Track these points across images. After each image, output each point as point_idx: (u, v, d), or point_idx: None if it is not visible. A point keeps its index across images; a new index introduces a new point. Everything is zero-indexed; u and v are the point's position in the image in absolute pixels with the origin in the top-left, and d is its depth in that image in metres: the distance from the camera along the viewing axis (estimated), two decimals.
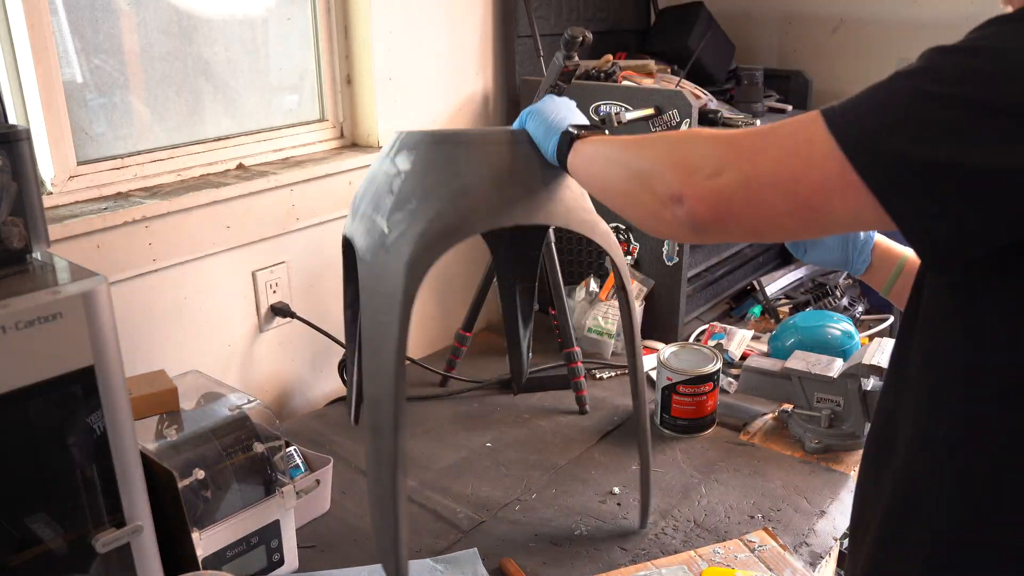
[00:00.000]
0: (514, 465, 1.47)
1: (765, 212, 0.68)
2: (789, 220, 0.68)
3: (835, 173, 0.63)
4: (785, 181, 0.66)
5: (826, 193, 0.64)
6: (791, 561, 1.20)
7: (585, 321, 1.87)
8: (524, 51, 1.99)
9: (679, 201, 0.71)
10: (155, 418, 1.14)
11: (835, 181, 0.63)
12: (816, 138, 0.64)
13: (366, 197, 1.09)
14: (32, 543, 0.83)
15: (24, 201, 0.85)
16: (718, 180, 0.69)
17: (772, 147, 0.67)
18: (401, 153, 1.06)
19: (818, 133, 0.64)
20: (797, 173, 0.65)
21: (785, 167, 0.66)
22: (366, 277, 1.04)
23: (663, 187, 0.74)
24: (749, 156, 0.68)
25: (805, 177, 0.65)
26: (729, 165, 0.69)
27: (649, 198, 0.76)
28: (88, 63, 1.36)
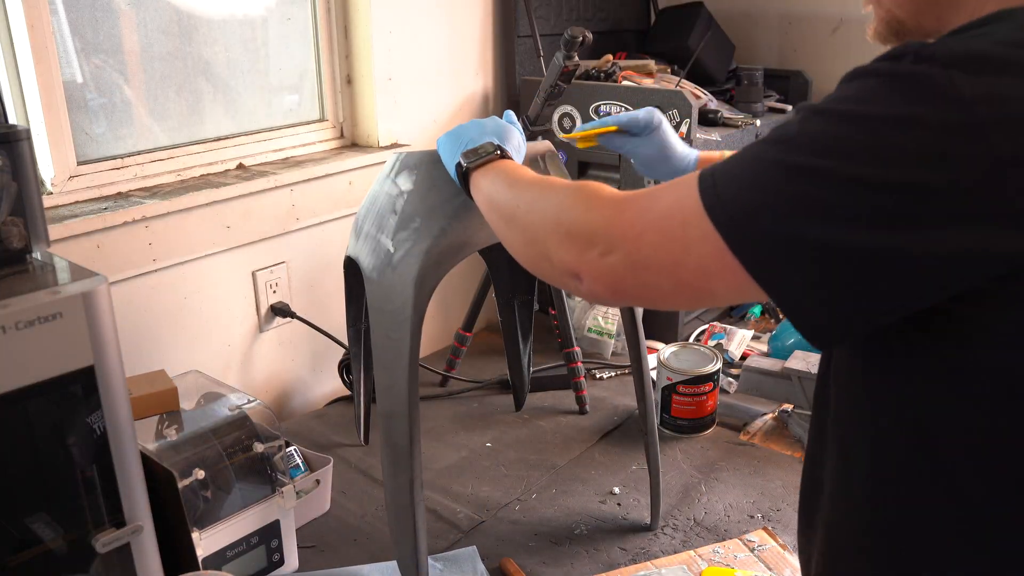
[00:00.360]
0: (514, 465, 1.47)
1: (655, 291, 0.67)
2: (678, 298, 0.68)
3: (711, 256, 0.61)
4: (667, 266, 0.64)
5: (706, 275, 0.62)
6: (791, 561, 1.20)
7: (585, 321, 1.87)
8: (524, 51, 1.99)
9: (577, 277, 0.71)
10: (155, 418, 1.14)
11: (713, 264, 0.61)
12: (692, 219, 0.62)
13: (369, 218, 1.11)
14: (32, 543, 0.83)
15: (24, 201, 0.85)
16: (609, 259, 0.68)
17: (651, 229, 0.65)
18: (402, 173, 1.08)
19: (694, 213, 0.62)
20: (677, 257, 0.64)
21: (665, 252, 0.64)
22: (374, 296, 1.06)
23: (559, 261, 0.73)
24: (632, 238, 0.67)
25: (684, 261, 0.63)
26: (616, 244, 0.67)
27: (549, 268, 0.75)
28: (88, 63, 1.36)
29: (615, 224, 0.68)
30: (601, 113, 1.84)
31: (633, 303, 0.72)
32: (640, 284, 0.67)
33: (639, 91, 1.81)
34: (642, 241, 0.66)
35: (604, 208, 0.70)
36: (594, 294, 0.71)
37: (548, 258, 0.75)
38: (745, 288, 0.61)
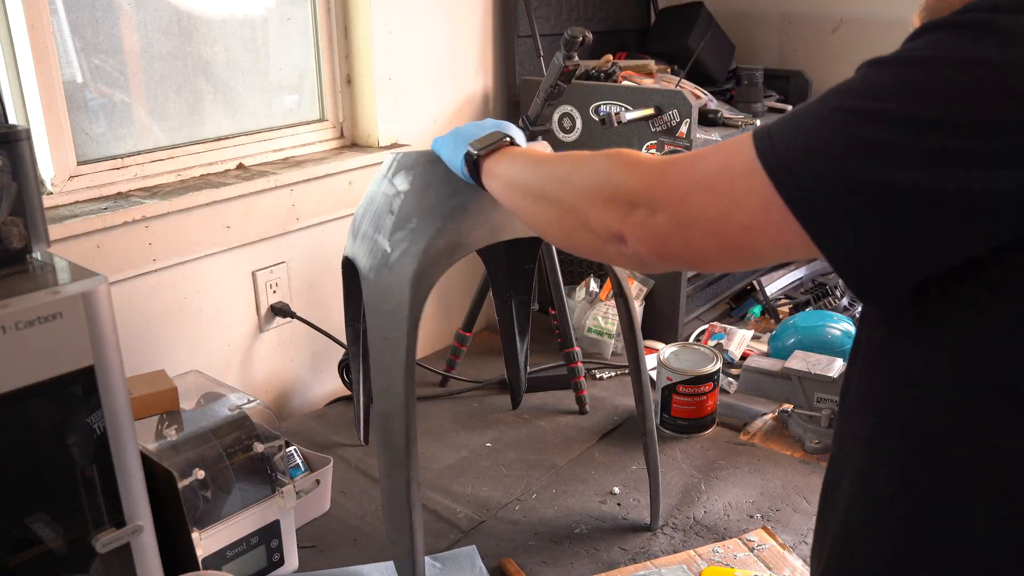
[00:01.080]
0: (514, 465, 1.47)
1: (700, 252, 0.67)
2: (723, 258, 0.67)
3: (759, 211, 0.60)
4: (713, 223, 0.64)
5: (752, 233, 0.62)
6: (790, 560, 1.20)
7: (585, 321, 1.87)
8: (524, 51, 1.99)
9: (622, 240, 0.70)
10: (155, 418, 1.14)
11: (760, 219, 0.61)
12: (740, 175, 0.61)
13: (366, 218, 1.11)
14: (32, 543, 0.83)
15: (24, 201, 0.85)
16: (654, 220, 0.67)
17: (699, 187, 0.65)
18: (399, 174, 1.08)
19: (743, 168, 0.61)
20: (723, 214, 0.63)
21: (712, 209, 0.64)
22: (371, 296, 1.06)
23: (601, 226, 0.72)
24: (679, 198, 0.66)
25: (731, 217, 0.62)
26: (661, 204, 0.67)
27: (588, 236, 0.74)
28: (88, 63, 1.36)
29: (660, 184, 0.67)
30: (601, 113, 1.84)
31: (678, 265, 0.70)
32: (686, 245, 0.66)
33: (639, 91, 1.81)
34: (689, 200, 0.65)
35: (647, 170, 0.69)
36: (639, 257, 0.70)
37: (587, 225, 0.73)
38: (793, 243, 0.60)
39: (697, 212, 0.65)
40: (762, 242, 0.62)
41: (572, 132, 1.91)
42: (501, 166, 0.90)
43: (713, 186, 0.64)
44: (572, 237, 0.78)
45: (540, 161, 0.85)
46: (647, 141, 1.80)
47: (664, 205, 0.67)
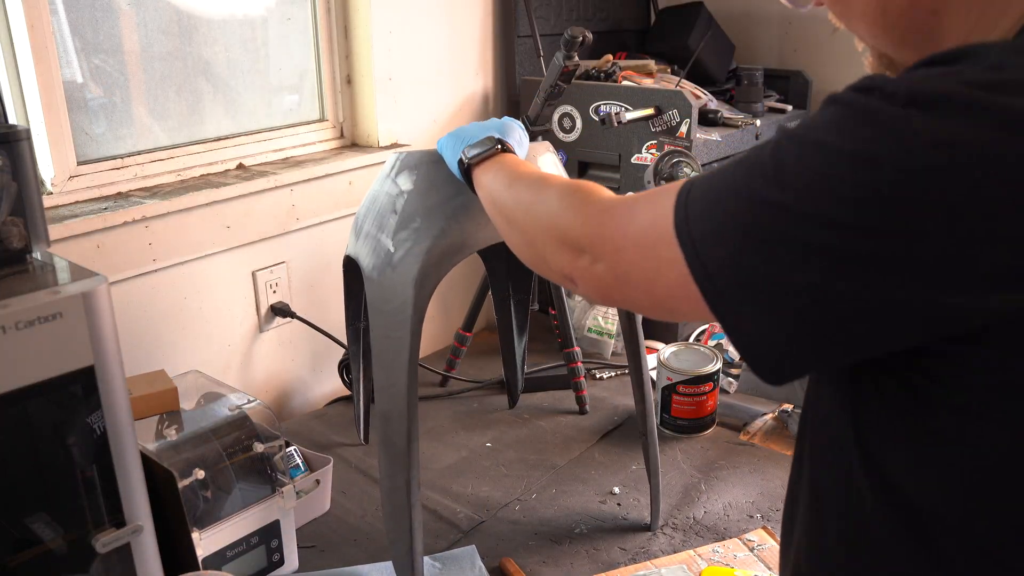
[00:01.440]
0: (514, 465, 1.47)
1: (636, 304, 0.69)
2: (657, 313, 0.69)
3: (677, 283, 0.60)
4: (642, 282, 0.65)
5: (675, 298, 0.63)
6: None
7: (585, 321, 1.87)
8: (524, 51, 1.99)
9: (572, 281, 0.73)
10: (155, 418, 1.14)
11: (679, 290, 0.61)
12: (663, 240, 0.62)
13: (369, 217, 1.11)
14: (32, 543, 0.83)
15: (24, 201, 0.85)
16: (596, 268, 0.69)
17: (629, 244, 0.66)
18: (402, 173, 1.08)
19: (665, 233, 0.61)
20: (649, 277, 0.64)
21: (640, 270, 0.65)
22: (374, 296, 1.06)
23: (555, 264, 0.75)
24: (613, 251, 0.68)
25: (656, 281, 0.64)
26: (600, 255, 0.69)
27: (546, 269, 0.78)
28: (88, 63, 1.36)
29: (599, 235, 0.69)
30: (601, 113, 1.84)
31: (622, 307, 0.74)
32: (623, 296, 0.69)
33: (639, 91, 1.81)
34: (622, 256, 0.67)
35: (591, 216, 0.71)
36: (588, 298, 0.74)
37: (545, 260, 0.77)
38: (710, 316, 0.60)
39: (628, 269, 0.66)
40: (685, 308, 0.63)
41: (572, 132, 1.91)
42: (486, 178, 0.92)
43: (641, 246, 0.65)
44: (536, 266, 0.82)
45: (514, 181, 0.87)
46: (647, 141, 1.80)
47: (602, 256, 0.69)
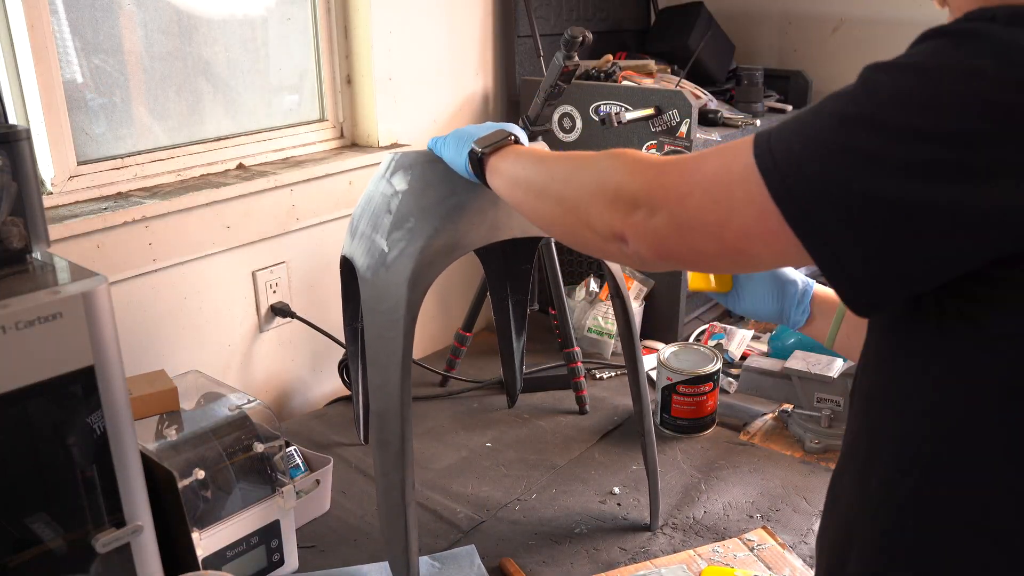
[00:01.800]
0: (514, 465, 1.47)
1: (700, 254, 0.67)
2: (722, 261, 0.67)
3: (755, 219, 0.60)
4: (711, 226, 0.64)
5: (749, 238, 0.62)
6: (790, 560, 1.20)
7: (585, 321, 1.87)
8: (524, 51, 1.99)
9: (623, 239, 0.70)
10: (155, 418, 1.14)
11: (756, 227, 0.61)
12: (738, 180, 0.61)
13: (364, 217, 1.11)
14: (32, 543, 0.83)
15: (24, 201, 0.85)
16: (654, 221, 0.67)
17: (697, 190, 0.64)
18: (397, 173, 1.08)
19: (741, 174, 0.61)
20: (721, 219, 0.63)
21: (710, 213, 0.63)
22: (368, 295, 1.06)
23: (603, 225, 0.72)
24: (677, 199, 0.66)
25: (729, 223, 0.62)
26: (661, 205, 0.67)
27: (590, 234, 0.75)
28: (88, 63, 1.36)
29: (659, 185, 0.68)
30: (601, 113, 1.84)
31: (679, 265, 0.70)
32: (685, 246, 0.67)
33: (639, 91, 1.81)
34: (687, 202, 0.65)
35: (648, 170, 0.70)
36: (639, 256, 0.70)
37: (589, 224, 0.74)
38: (789, 251, 0.60)
39: (695, 215, 0.65)
40: (759, 248, 0.62)
41: (572, 132, 1.91)
42: (505, 163, 0.91)
43: (711, 190, 0.64)
44: (575, 235, 0.79)
45: (544, 159, 0.86)
46: (647, 141, 1.80)
47: (663, 206, 0.67)
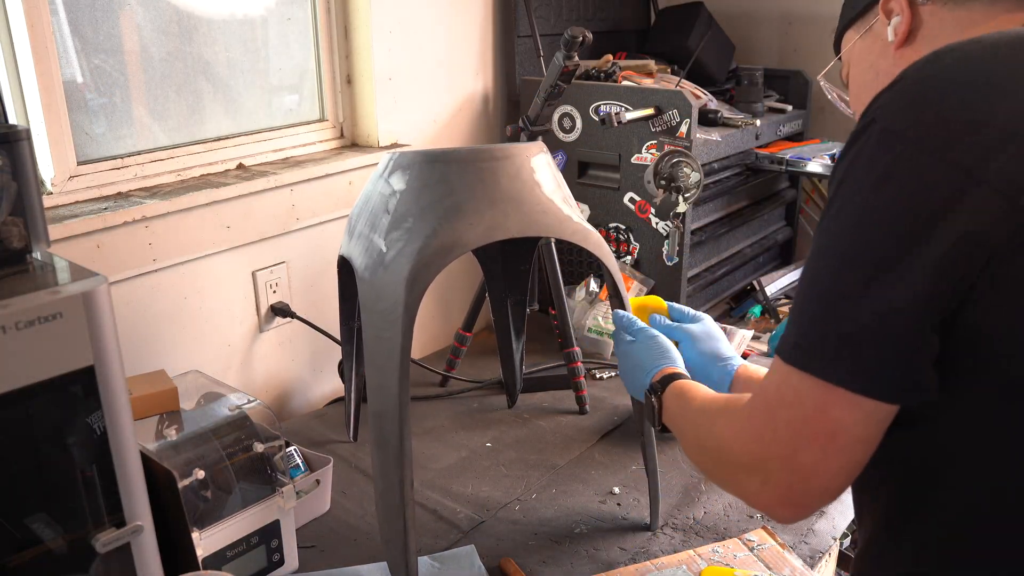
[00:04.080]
0: (514, 465, 1.47)
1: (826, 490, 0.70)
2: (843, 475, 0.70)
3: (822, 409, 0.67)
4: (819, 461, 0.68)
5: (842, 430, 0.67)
6: (790, 560, 1.20)
7: (585, 321, 1.87)
8: (524, 51, 1.99)
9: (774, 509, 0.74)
10: (155, 418, 1.14)
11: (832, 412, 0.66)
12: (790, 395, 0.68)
13: (362, 217, 1.11)
14: (32, 543, 0.83)
15: (24, 201, 0.85)
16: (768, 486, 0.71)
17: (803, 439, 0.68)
18: (395, 173, 1.08)
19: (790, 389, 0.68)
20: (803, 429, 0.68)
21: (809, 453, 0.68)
22: (366, 295, 1.06)
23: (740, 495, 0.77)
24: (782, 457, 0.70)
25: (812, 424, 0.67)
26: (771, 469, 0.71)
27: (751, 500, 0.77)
28: (88, 63, 1.36)
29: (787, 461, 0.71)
30: (601, 113, 1.84)
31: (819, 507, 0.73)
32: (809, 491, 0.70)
33: (639, 91, 1.81)
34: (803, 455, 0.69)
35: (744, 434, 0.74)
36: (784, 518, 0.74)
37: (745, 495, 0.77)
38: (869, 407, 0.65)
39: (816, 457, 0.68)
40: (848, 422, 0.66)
41: (572, 132, 1.91)
42: (667, 415, 0.99)
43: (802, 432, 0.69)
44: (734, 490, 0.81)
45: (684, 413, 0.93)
46: (647, 141, 1.80)
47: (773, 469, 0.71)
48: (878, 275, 0.62)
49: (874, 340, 0.63)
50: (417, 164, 1.07)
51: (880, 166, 0.63)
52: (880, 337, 0.63)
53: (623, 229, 1.90)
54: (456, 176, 1.05)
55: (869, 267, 0.63)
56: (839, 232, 0.66)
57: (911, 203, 0.62)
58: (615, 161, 1.86)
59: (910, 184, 0.62)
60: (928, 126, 0.62)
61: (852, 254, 0.64)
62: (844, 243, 0.65)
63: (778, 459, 0.69)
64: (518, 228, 1.07)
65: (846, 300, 0.64)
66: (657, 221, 1.85)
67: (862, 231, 0.64)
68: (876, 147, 0.64)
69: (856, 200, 0.65)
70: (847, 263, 0.65)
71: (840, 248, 0.66)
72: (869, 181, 0.63)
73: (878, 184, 0.63)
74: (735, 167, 2.03)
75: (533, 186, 1.11)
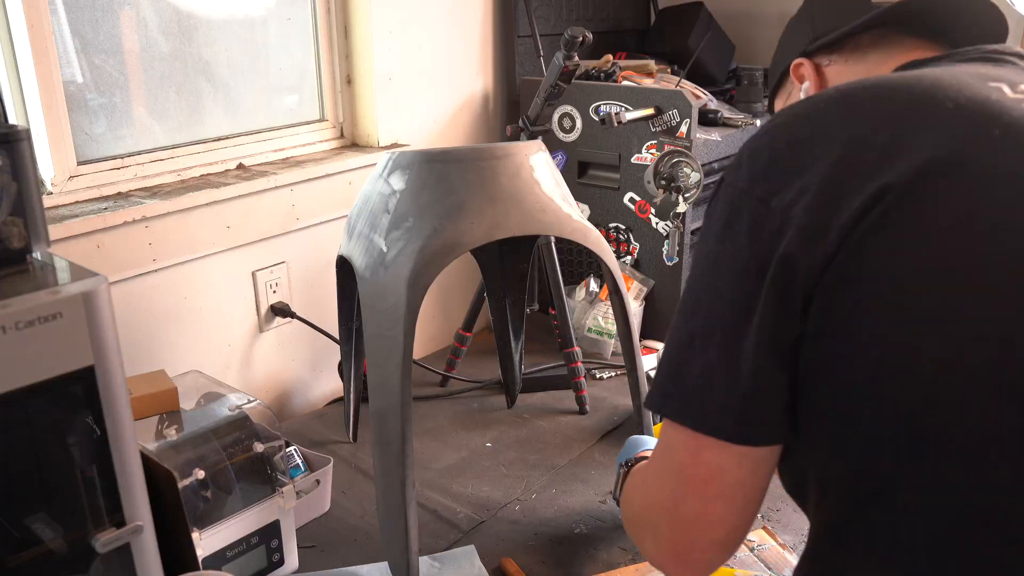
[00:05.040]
0: (514, 465, 1.47)
1: (710, 527, 0.70)
2: (722, 508, 0.70)
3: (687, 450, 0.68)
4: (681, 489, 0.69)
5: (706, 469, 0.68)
6: (790, 560, 1.20)
7: (585, 321, 1.87)
8: (524, 51, 1.99)
9: (666, 567, 0.75)
10: (155, 418, 1.14)
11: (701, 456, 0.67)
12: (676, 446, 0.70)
13: (361, 217, 1.11)
14: (32, 543, 0.83)
15: (24, 201, 0.85)
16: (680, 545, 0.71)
17: (682, 489, 0.69)
18: (395, 173, 1.08)
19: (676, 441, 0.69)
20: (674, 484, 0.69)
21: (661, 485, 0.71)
22: (367, 295, 1.06)
23: (654, 559, 0.77)
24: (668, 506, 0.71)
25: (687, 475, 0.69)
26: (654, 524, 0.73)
27: (649, 558, 0.78)
28: (88, 63, 1.36)
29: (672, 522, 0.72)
30: (601, 113, 1.84)
31: (705, 559, 0.72)
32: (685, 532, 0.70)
33: (639, 91, 1.81)
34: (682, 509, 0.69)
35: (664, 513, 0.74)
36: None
37: None
38: (741, 453, 0.66)
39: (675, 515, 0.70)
40: (728, 483, 0.68)
41: (572, 132, 1.91)
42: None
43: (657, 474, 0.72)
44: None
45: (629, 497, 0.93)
46: (647, 141, 1.80)
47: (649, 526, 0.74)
48: (724, 319, 0.65)
49: (727, 385, 0.65)
50: (417, 164, 1.07)
51: (724, 217, 0.67)
52: (732, 382, 0.64)
53: (623, 229, 1.90)
54: (456, 175, 1.05)
55: (718, 313, 0.66)
56: (691, 283, 0.70)
57: (749, 245, 0.65)
58: (615, 161, 1.86)
59: (746, 228, 0.65)
60: (757, 177, 0.66)
61: (703, 302, 0.67)
62: (696, 293, 0.69)
63: (663, 511, 0.70)
64: (519, 227, 1.08)
65: (697, 347, 0.67)
66: (657, 221, 1.85)
67: (709, 279, 0.67)
68: (721, 201, 0.68)
69: (704, 251, 0.69)
70: (698, 311, 0.67)
71: (692, 298, 0.69)
72: (714, 232, 0.68)
73: (721, 234, 0.67)
74: None
75: (533, 185, 1.11)
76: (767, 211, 0.64)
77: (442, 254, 1.03)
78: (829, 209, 0.61)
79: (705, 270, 0.69)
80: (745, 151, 0.69)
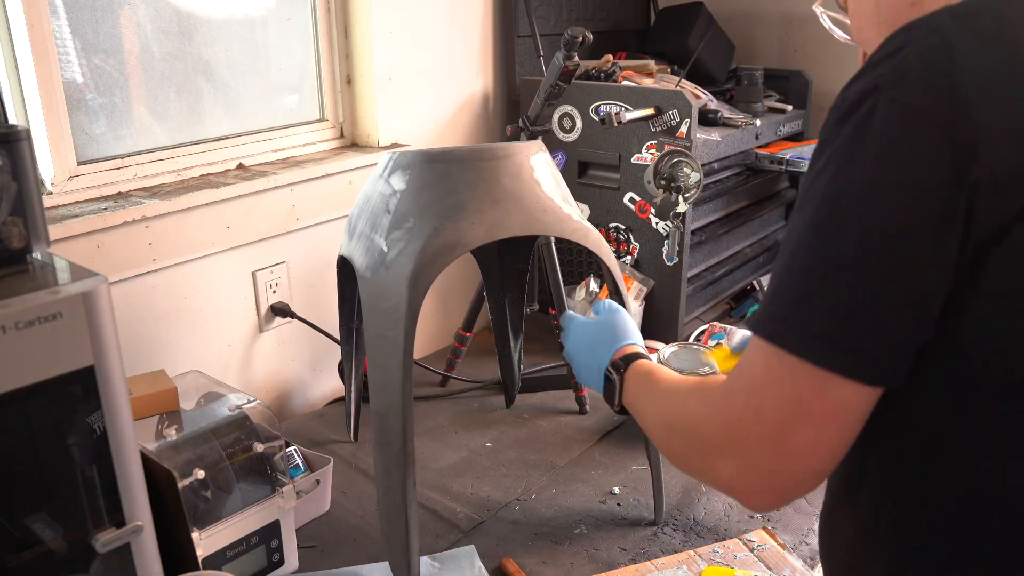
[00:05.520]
0: (514, 465, 1.47)
1: (819, 459, 0.66)
2: (823, 440, 0.66)
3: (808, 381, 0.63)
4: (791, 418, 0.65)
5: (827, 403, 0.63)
6: (790, 560, 1.20)
7: None
8: (524, 51, 1.99)
9: (751, 496, 0.70)
10: (155, 418, 1.14)
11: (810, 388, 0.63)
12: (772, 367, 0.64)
13: (362, 217, 1.11)
14: (32, 543, 0.83)
15: (24, 201, 0.85)
16: (745, 470, 0.68)
17: (795, 420, 0.64)
18: (395, 173, 1.08)
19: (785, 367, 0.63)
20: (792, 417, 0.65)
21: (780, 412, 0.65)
22: (368, 295, 1.06)
23: (712, 481, 0.73)
24: (754, 439, 0.66)
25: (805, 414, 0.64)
26: (742, 450, 0.68)
27: (723, 484, 0.73)
28: (88, 63, 1.36)
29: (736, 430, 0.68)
30: (601, 113, 1.84)
31: (799, 491, 0.68)
32: (790, 463, 0.66)
33: (639, 91, 1.81)
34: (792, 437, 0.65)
35: (720, 414, 0.70)
36: (758, 507, 0.71)
37: (705, 477, 0.75)
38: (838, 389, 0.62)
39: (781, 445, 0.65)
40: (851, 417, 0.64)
41: (572, 132, 1.91)
42: (628, 395, 1.00)
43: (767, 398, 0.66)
44: (705, 477, 0.77)
45: (654, 396, 0.91)
46: (647, 141, 1.80)
47: (744, 450, 0.68)
48: (876, 254, 0.59)
49: (870, 319, 0.60)
50: (417, 164, 1.07)
51: (885, 139, 0.59)
52: (877, 322, 0.60)
53: (623, 229, 1.90)
54: (457, 175, 1.05)
55: (871, 245, 0.59)
56: (834, 206, 0.62)
57: (918, 180, 0.58)
58: (615, 161, 1.86)
59: (924, 157, 0.58)
60: (939, 99, 0.58)
61: (852, 229, 0.60)
62: (840, 217, 0.61)
63: (762, 441, 0.65)
64: (520, 227, 1.08)
65: (835, 278, 0.61)
66: (657, 221, 1.85)
67: (865, 206, 0.60)
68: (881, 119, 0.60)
69: (854, 173, 0.61)
70: (841, 240, 0.60)
71: (834, 222, 0.61)
72: (873, 153, 0.60)
73: (885, 156, 0.59)
74: (735, 167, 2.03)
75: (533, 185, 1.11)
76: (950, 142, 0.57)
77: (443, 254, 1.03)
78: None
79: (860, 195, 0.60)
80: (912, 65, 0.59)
